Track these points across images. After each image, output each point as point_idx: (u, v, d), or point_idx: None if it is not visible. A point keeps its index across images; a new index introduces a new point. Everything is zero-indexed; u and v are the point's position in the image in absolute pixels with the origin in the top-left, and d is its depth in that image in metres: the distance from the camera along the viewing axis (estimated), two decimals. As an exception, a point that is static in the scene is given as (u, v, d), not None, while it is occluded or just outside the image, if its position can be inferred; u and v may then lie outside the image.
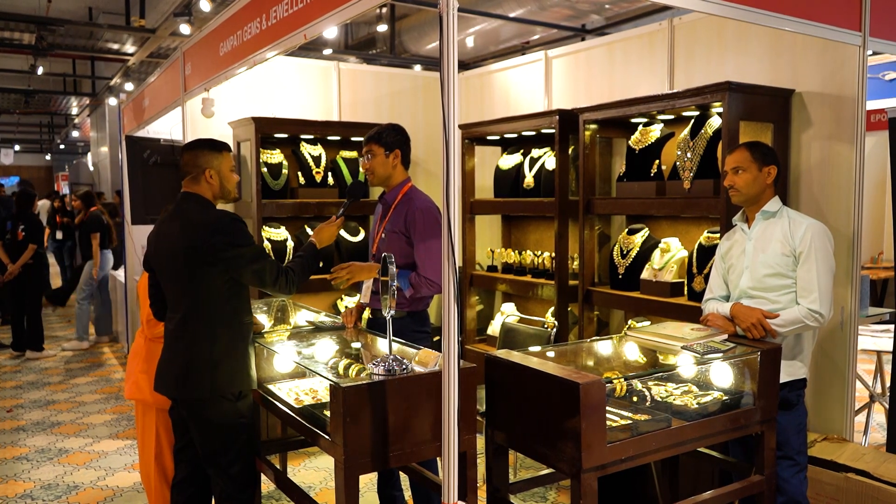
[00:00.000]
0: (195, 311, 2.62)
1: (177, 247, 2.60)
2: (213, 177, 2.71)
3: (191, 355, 2.62)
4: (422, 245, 3.03)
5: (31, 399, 5.89)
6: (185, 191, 2.73)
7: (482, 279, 4.90)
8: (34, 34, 7.50)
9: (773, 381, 2.58)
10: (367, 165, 3.16)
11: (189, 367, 2.61)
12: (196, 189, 2.71)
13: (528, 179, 4.55)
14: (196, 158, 2.70)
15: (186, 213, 2.65)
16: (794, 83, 3.34)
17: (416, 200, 3.11)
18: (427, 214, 3.05)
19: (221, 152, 2.75)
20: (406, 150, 3.19)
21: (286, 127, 4.56)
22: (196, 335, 2.62)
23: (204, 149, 2.73)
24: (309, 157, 4.80)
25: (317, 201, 4.70)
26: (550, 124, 4.16)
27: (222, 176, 2.74)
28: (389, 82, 5.36)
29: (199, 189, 2.70)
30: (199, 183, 2.70)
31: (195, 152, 2.72)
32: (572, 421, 2.08)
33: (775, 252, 2.68)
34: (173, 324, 2.69)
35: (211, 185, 2.71)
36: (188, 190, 2.72)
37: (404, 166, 3.20)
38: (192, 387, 2.61)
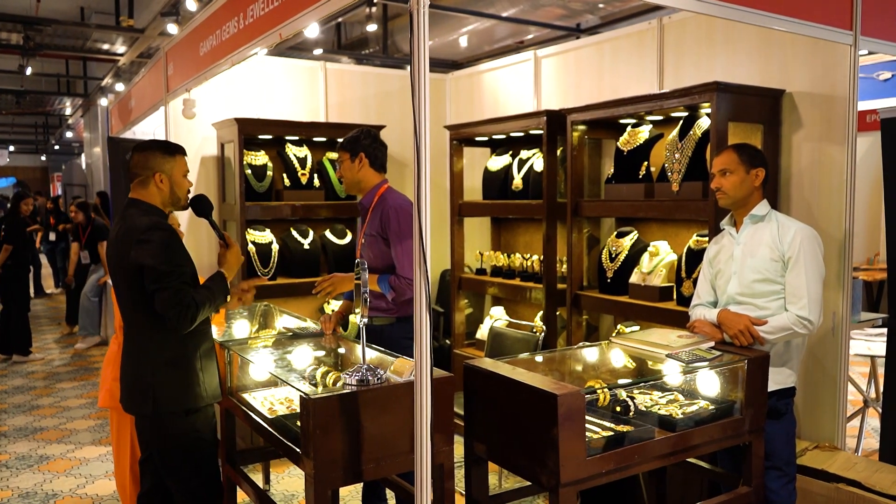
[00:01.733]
0: (138, 324, 2.50)
1: (115, 257, 2.48)
2: (164, 182, 2.53)
3: (134, 370, 2.51)
4: (398, 245, 2.97)
5: (15, 403, 5.81)
6: (132, 196, 2.55)
7: (471, 282, 4.82)
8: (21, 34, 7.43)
9: (762, 389, 2.51)
10: (339, 173, 3.16)
11: (133, 383, 2.50)
12: (143, 194, 2.53)
13: (517, 181, 4.47)
14: (146, 160, 2.52)
15: (127, 220, 2.48)
16: (784, 83, 3.27)
17: (389, 200, 3.06)
18: (401, 212, 2.99)
19: (175, 156, 2.58)
20: (373, 153, 3.12)
21: (271, 128, 4.49)
22: (140, 349, 2.50)
23: (155, 151, 2.55)
24: (294, 159, 4.72)
25: (303, 203, 4.62)
26: (538, 125, 4.08)
27: (173, 181, 2.56)
28: (377, 82, 5.29)
29: (147, 194, 2.53)
30: (148, 187, 2.53)
31: (145, 154, 2.53)
32: (550, 433, 2.01)
33: (764, 257, 2.61)
34: (124, 335, 2.60)
35: (160, 190, 2.53)
36: (134, 196, 2.55)
37: (376, 169, 3.13)
38: (136, 403, 2.50)
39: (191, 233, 4.58)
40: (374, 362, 2.49)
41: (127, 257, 2.40)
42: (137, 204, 2.52)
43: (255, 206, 4.44)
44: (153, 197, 2.54)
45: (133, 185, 2.56)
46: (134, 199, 2.54)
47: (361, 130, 3.18)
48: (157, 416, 2.46)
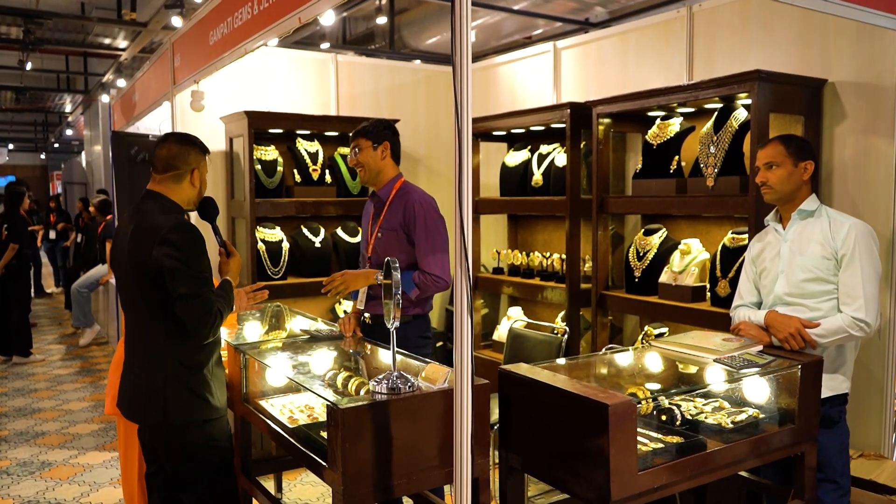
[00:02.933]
0: (151, 329, 2.31)
1: (129, 254, 2.29)
2: (197, 180, 2.41)
3: (143, 377, 2.32)
4: (424, 240, 2.86)
5: (16, 407, 5.64)
6: (154, 189, 2.37)
7: (487, 282, 4.66)
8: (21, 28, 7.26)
9: (815, 396, 2.35)
10: (356, 161, 3.01)
11: (141, 390, 2.32)
12: (171, 190, 2.36)
13: (537, 177, 4.31)
14: (187, 155, 2.37)
15: (147, 216, 2.30)
16: (826, 72, 3.11)
17: (412, 194, 2.95)
18: (426, 206, 2.90)
19: (206, 155, 2.47)
20: (395, 144, 3.03)
21: (281, 122, 4.32)
22: (151, 354, 2.31)
23: (196, 147, 2.41)
24: (305, 154, 4.56)
25: (314, 200, 4.45)
26: (561, 118, 3.92)
27: (203, 182, 2.46)
28: (389, 76, 5.12)
29: (177, 190, 2.37)
30: (181, 183, 2.38)
31: (187, 148, 2.38)
32: (599, 446, 1.85)
33: (814, 255, 2.45)
34: (126, 338, 2.42)
35: (193, 187, 2.41)
36: (159, 189, 2.36)
37: (394, 160, 3.03)
38: (143, 411, 2.33)
39: (198, 231, 4.42)
40: (400, 367, 2.33)
41: (145, 256, 2.22)
42: (158, 198, 2.35)
43: (265, 203, 4.28)
44: (181, 194, 2.39)
45: (163, 177, 2.36)
46: (155, 193, 2.36)
47: (380, 120, 3.06)
48: (168, 427, 2.30)
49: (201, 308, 2.20)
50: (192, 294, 2.19)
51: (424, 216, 2.87)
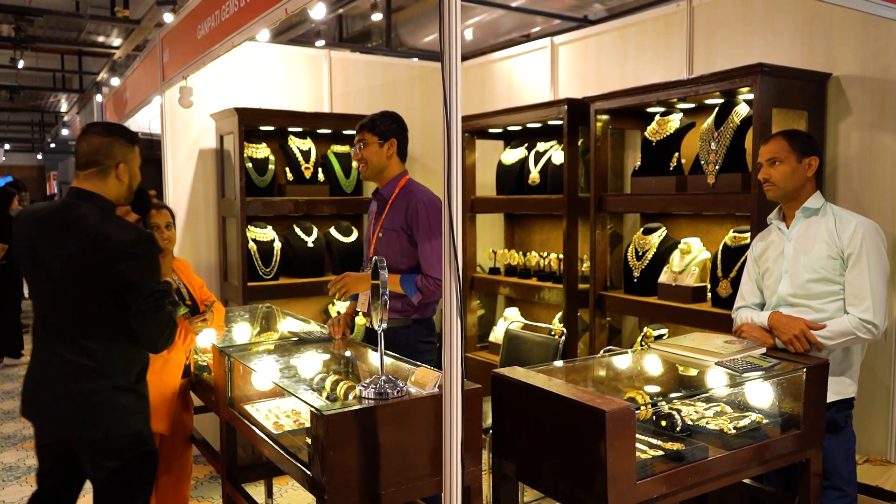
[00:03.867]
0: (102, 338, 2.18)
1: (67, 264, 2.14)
2: (124, 174, 2.22)
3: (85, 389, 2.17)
4: (427, 242, 2.73)
5: (4, 410, 5.56)
6: (83, 188, 2.19)
7: (483, 282, 4.57)
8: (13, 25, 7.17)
9: (821, 401, 2.26)
10: (359, 156, 2.88)
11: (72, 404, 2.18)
12: (99, 187, 2.19)
13: (534, 175, 4.22)
14: (110, 148, 2.19)
15: (87, 222, 2.14)
16: (830, 66, 3.02)
17: (416, 193, 2.82)
18: (431, 207, 2.76)
19: (135, 145, 2.28)
20: (403, 141, 2.91)
21: (273, 119, 4.23)
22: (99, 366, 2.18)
23: (120, 137, 2.23)
24: (298, 152, 4.47)
25: (306, 199, 4.36)
26: (558, 115, 3.83)
27: (132, 175, 2.26)
28: (384, 72, 5.03)
29: (104, 188, 2.19)
30: (106, 180, 2.19)
31: (109, 139, 2.20)
32: (596, 454, 1.76)
33: (820, 254, 2.36)
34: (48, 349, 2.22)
35: (121, 183, 2.22)
36: (88, 188, 2.19)
37: (401, 158, 2.91)
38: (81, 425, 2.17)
39: (189, 230, 4.34)
40: (390, 371, 2.25)
41: (101, 268, 2.11)
42: (94, 199, 2.18)
43: (257, 202, 4.19)
44: (109, 191, 2.21)
45: (86, 174, 2.19)
46: (87, 192, 2.19)
47: (389, 113, 2.90)
48: (108, 439, 2.18)
49: (162, 320, 2.17)
50: (155, 308, 2.15)
51: (427, 217, 2.73)
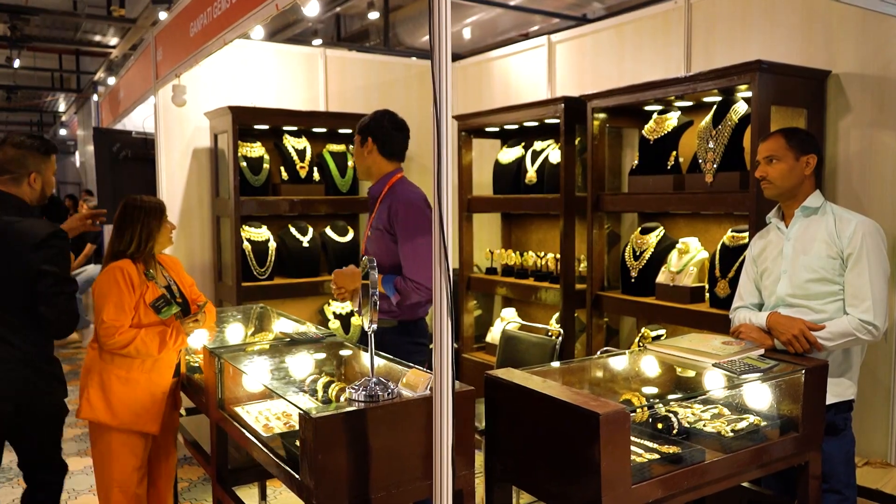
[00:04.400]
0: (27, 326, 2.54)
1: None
2: (37, 182, 2.64)
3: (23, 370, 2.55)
4: (407, 243, 2.65)
5: None
6: (2, 190, 2.59)
7: (480, 282, 4.54)
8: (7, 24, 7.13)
9: (820, 403, 2.22)
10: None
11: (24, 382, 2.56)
12: (15, 191, 2.59)
13: (531, 174, 4.19)
14: (24, 159, 2.59)
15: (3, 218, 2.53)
16: (829, 64, 2.99)
17: (399, 192, 2.74)
18: (411, 207, 2.68)
19: (50, 156, 2.69)
20: (383, 138, 2.79)
21: (267, 118, 4.20)
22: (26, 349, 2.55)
23: (33, 151, 2.62)
24: (293, 151, 4.43)
25: (301, 198, 4.33)
26: (555, 113, 3.80)
27: (45, 181, 2.68)
28: (380, 71, 5.00)
29: (19, 192, 2.60)
30: (20, 186, 2.60)
31: (23, 152, 2.60)
32: (591, 457, 1.72)
33: (819, 254, 2.33)
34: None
35: (32, 189, 2.63)
36: (6, 190, 2.58)
37: (385, 156, 2.81)
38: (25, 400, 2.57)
39: (183, 229, 4.30)
40: (382, 372, 2.21)
41: (16, 259, 2.45)
42: (10, 200, 2.57)
43: (251, 201, 4.15)
44: (24, 195, 2.61)
45: (2, 179, 2.59)
46: (6, 195, 2.57)
47: (375, 112, 2.86)
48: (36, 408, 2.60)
49: (69, 306, 2.51)
50: (62, 292, 2.49)
51: (406, 217, 2.66)
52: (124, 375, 2.69)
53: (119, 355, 2.66)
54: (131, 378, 2.70)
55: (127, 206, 2.75)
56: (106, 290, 2.62)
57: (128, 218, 2.72)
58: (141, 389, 2.72)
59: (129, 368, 2.70)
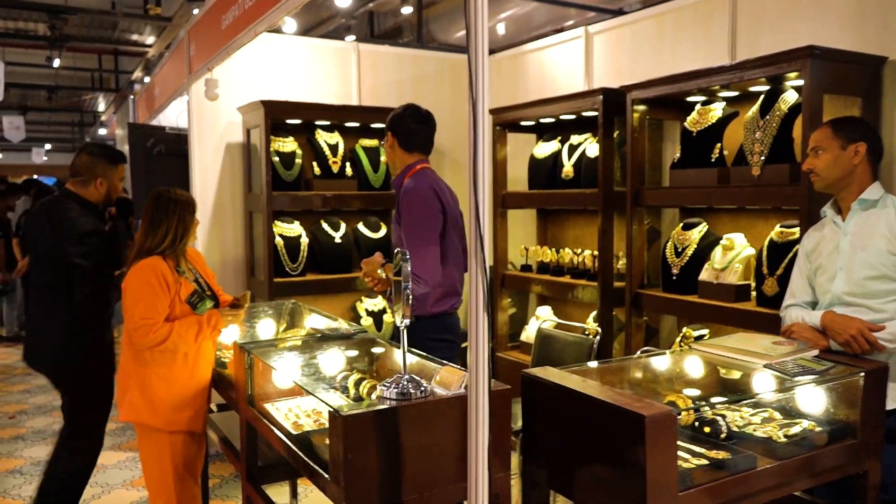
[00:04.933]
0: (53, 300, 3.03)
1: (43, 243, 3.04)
2: (102, 185, 3.09)
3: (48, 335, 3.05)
4: (406, 234, 2.66)
5: (37, 404, 5.60)
6: (71, 190, 3.07)
7: (515, 280, 4.44)
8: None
9: (879, 407, 2.08)
10: None
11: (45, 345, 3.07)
12: (82, 192, 3.07)
13: (567, 168, 4.08)
14: (94, 166, 3.06)
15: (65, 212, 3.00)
16: (885, 49, 2.83)
17: (407, 183, 2.76)
18: (411, 196, 2.68)
19: (117, 165, 3.14)
20: (403, 131, 2.83)
21: (300, 112, 4.16)
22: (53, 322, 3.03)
23: (103, 159, 3.08)
24: (325, 146, 4.39)
25: (333, 194, 4.28)
26: (593, 105, 3.69)
27: (110, 186, 3.12)
28: (413, 65, 4.93)
29: (86, 192, 3.07)
30: (87, 187, 3.07)
31: (94, 160, 3.07)
32: (635, 462, 1.63)
33: (878, 249, 2.19)
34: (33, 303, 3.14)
35: (98, 191, 3.09)
36: (73, 190, 3.07)
37: (406, 149, 2.84)
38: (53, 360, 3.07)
39: (215, 224, 4.29)
40: (415, 370, 2.13)
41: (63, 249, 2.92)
42: (76, 198, 3.06)
43: (283, 197, 4.12)
44: (90, 196, 3.08)
45: (74, 181, 3.07)
46: (73, 193, 3.07)
47: (401, 107, 2.90)
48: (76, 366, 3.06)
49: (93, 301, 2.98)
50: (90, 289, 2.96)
51: (408, 207, 2.67)
52: (165, 373, 2.65)
53: (157, 352, 2.62)
54: (172, 376, 2.66)
55: (161, 198, 2.69)
56: (140, 292, 2.57)
57: (162, 211, 2.66)
58: (182, 387, 2.68)
59: (170, 365, 2.65)
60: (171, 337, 2.56)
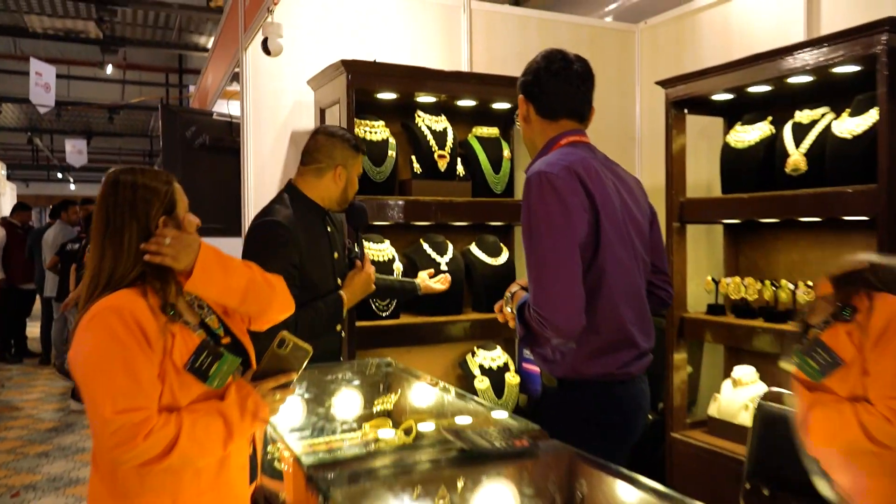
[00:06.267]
0: None
1: None
2: (341, 177, 2.24)
3: None
4: (526, 247, 1.71)
5: (68, 423, 5.15)
6: (295, 183, 2.26)
7: (699, 325, 3.03)
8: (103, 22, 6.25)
9: None
10: None
11: None
12: (309, 185, 2.23)
13: (795, 158, 2.69)
14: (332, 149, 2.23)
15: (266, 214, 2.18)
16: None
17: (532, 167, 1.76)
18: (530, 185, 1.69)
19: (359, 155, 2.29)
20: (537, 90, 1.82)
21: (395, 80, 2.92)
22: None
23: (345, 144, 2.25)
24: (428, 134, 3.12)
25: (439, 200, 3.00)
26: (851, 53, 2.30)
27: (349, 180, 2.27)
28: (540, 32, 3.66)
29: (315, 186, 2.23)
30: (321, 178, 2.23)
31: (334, 142, 2.24)
32: None
33: None
34: None
35: (336, 185, 2.24)
36: (295, 182, 2.26)
37: (545, 115, 1.82)
38: None
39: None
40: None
41: None
42: (291, 191, 2.24)
43: (370, 204, 2.85)
44: (321, 189, 2.24)
45: (304, 169, 2.26)
46: (291, 186, 2.26)
47: (538, 56, 1.87)
48: None
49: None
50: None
51: (526, 205, 1.69)
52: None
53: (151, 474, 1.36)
54: None
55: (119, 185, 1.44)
56: (100, 362, 1.32)
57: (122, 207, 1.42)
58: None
59: (176, 495, 1.39)
60: (178, 447, 1.30)
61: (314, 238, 2.18)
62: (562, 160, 1.72)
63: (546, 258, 1.63)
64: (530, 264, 1.67)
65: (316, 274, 2.15)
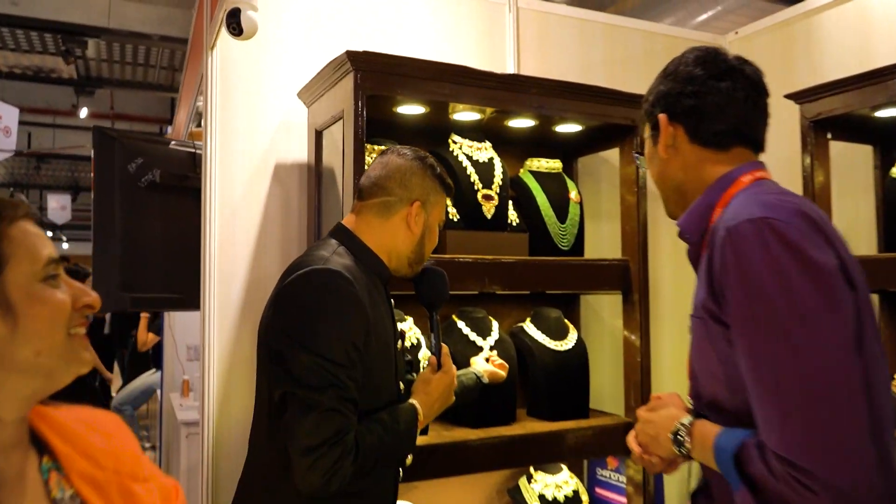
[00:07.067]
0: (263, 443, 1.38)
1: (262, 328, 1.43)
2: (418, 218, 1.47)
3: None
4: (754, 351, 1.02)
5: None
6: (342, 223, 1.49)
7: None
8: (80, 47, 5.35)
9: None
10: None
11: None
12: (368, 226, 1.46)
13: None
14: (410, 176, 1.47)
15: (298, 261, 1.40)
16: None
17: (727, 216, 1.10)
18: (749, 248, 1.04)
19: (444, 196, 1.53)
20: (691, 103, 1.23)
21: (421, 83, 2.00)
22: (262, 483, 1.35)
23: (426, 170, 1.50)
24: (468, 165, 2.22)
25: (485, 261, 2.07)
26: None
27: (428, 226, 1.50)
28: (603, 38, 2.83)
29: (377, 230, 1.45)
30: (390, 218, 1.46)
31: (412, 165, 1.49)
32: None
33: None
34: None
35: (408, 230, 1.46)
36: (348, 224, 1.48)
37: (703, 144, 1.23)
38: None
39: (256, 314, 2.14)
40: None
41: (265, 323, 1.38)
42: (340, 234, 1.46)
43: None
44: (384, 235, 1.46)
45: (364, 205, 1.48)
46: (342, 228, 1.48)
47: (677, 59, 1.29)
48: None
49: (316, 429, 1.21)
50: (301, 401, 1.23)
51: (740, 275, 1.04)
52: None
53: None
54: None
55: None
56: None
57: None
58: None
59: None
60: None
61: (379, 314, 1.41)
62: (786, 202, 1.10)
63: (814, 375, 0.99)
64: (769, 380, 1.03)
65: (377, 366, 1.37)
